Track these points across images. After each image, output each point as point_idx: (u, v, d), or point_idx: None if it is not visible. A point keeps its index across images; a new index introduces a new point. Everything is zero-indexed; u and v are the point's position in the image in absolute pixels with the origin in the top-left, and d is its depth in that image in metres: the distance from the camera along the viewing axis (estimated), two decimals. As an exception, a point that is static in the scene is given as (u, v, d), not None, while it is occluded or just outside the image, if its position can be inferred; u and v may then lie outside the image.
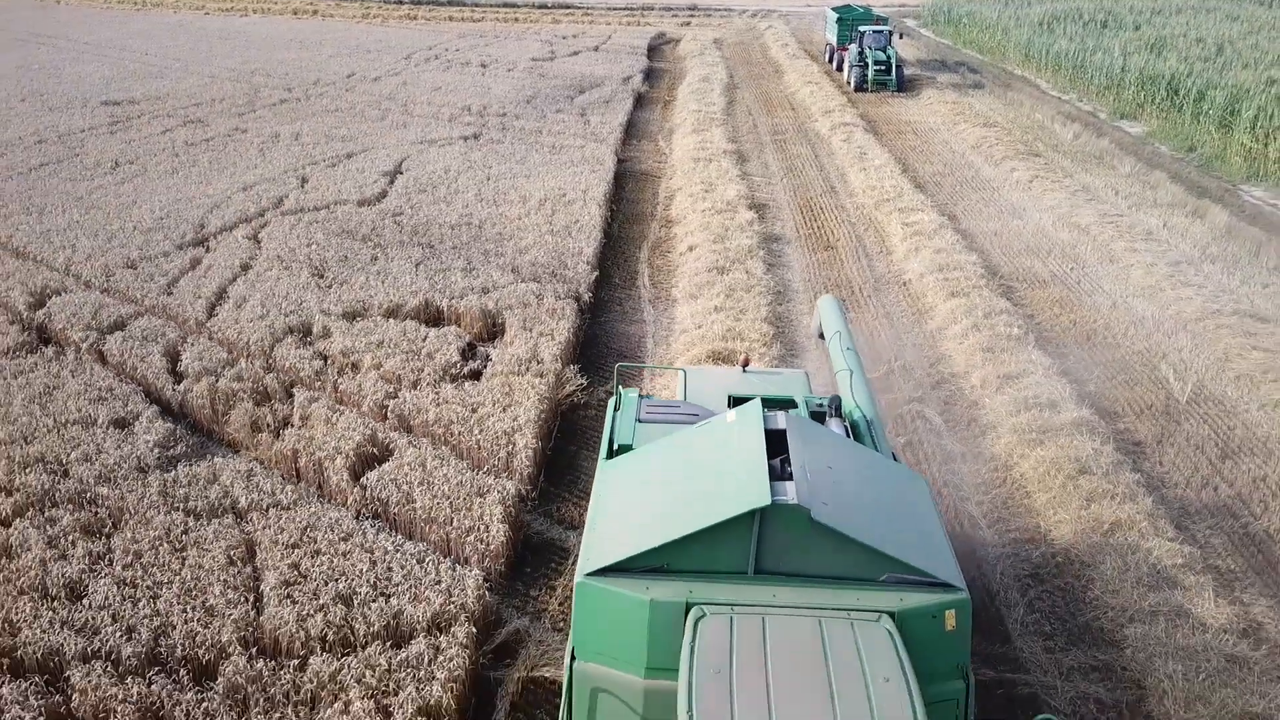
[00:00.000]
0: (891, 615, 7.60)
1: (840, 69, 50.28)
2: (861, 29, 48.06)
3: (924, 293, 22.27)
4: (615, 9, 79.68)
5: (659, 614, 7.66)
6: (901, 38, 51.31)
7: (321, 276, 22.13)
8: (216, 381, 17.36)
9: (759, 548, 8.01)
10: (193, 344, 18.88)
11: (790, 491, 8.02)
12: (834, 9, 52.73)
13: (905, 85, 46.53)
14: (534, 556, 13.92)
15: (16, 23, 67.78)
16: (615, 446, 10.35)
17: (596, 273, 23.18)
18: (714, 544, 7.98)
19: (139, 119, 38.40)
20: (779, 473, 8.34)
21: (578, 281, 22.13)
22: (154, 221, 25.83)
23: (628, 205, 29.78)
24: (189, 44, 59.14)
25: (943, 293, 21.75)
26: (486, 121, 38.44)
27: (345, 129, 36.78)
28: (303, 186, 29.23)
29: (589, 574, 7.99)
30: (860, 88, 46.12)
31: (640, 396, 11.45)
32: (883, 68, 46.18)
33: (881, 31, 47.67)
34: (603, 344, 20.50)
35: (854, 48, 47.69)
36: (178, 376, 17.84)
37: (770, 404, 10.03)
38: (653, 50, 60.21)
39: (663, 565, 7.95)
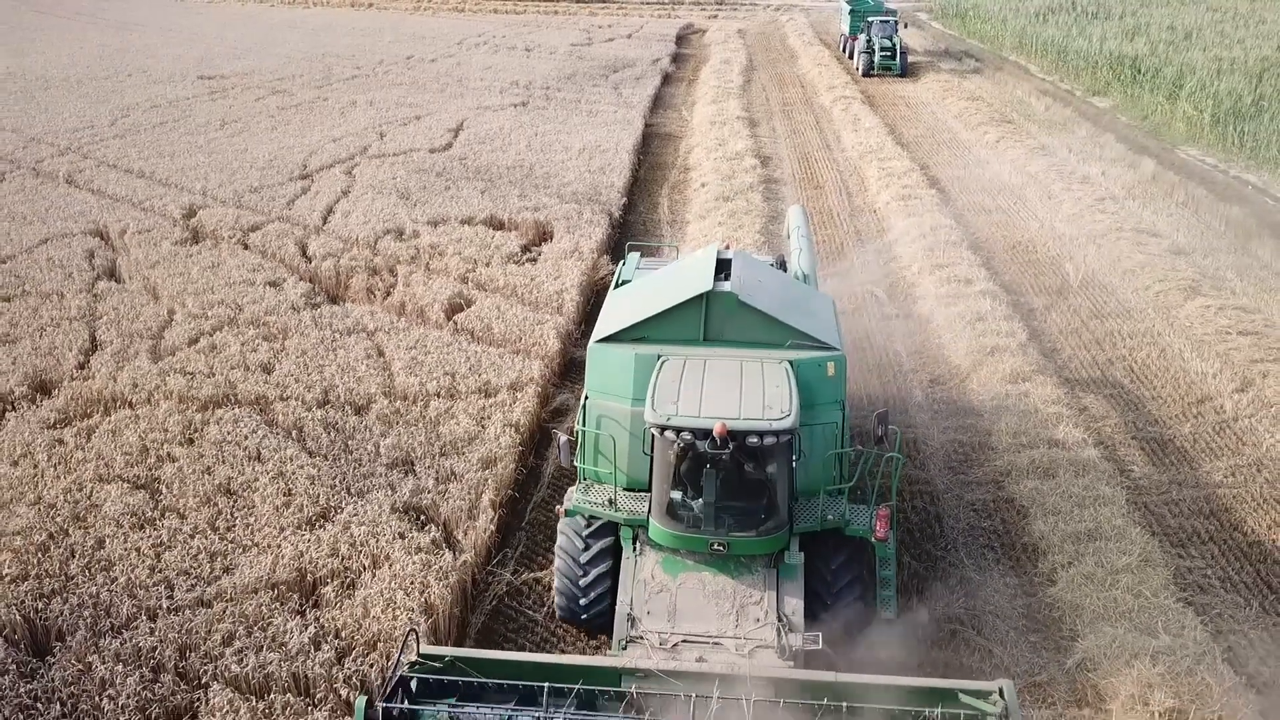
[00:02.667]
0: (791, 362, 11.79)
1: (852, 57, 54.88)
2: (870, 19, 52.73)
3: (888, 215, 27.68)
4: (648, 3, 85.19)
5: (641, 363, 11.78)
6: (907, 27, 55.98)
7: (407, 198, 27.86)
8: (338, 261, 23.11)
9: (705, 322, 12.14)
10: (315, 239, 24.68)
11: (727, 285, 12.27)
12: (848, 1, 57.60)
13: (908, 70, 50.83)
14: (575, 369, 19.39)
15: (109, 11, 74.51)
16: (620, 282, 15.35)
17: (625, 199, 28.79)
18: (675, 320, 12.13)
19: (233, 90, 44.41)
20: (723, 279, 12.48)
21: (610, 203, 27.76)
22: (265, 162, 31.72)
23: (653, 157, 35.34)
24: (262, 31, 65.36)
25: (902, 214, 27.13)
26: (532, 93, 44.10)
27: (411, 98, 42.59)
28: (382, 139, 35.03)
29: (597, 341, 12.35)
30: (867, 73, 50.36)
31: (640, 255, 16.81)
32: (888, 53, 50.54)
33: (888, 21, 52.27)
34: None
35: (863, 36, 52.23)
36: (308, 259, 23.59)
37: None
38: (680, 39, 65.72)
39: (643, 337, 12.13)
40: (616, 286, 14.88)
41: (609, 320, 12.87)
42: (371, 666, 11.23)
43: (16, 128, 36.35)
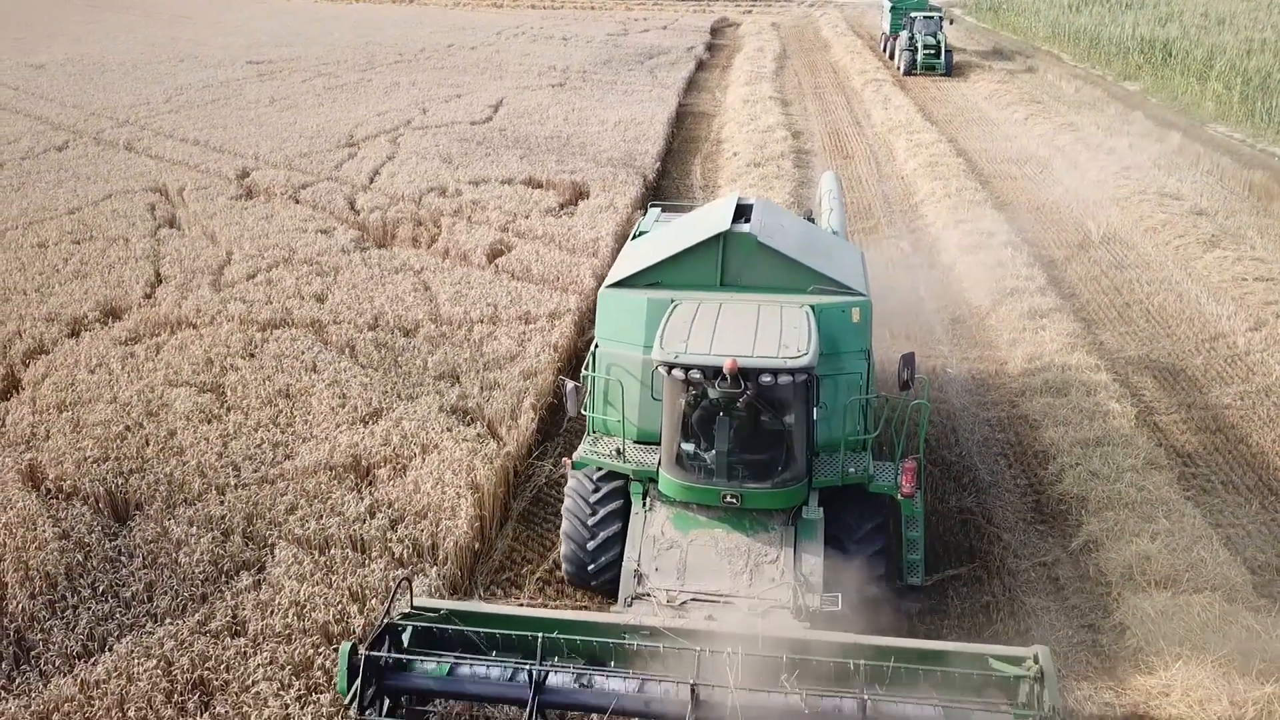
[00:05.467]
0: (813, 308, 10.95)
1: (893, 57, 51.86)
2: (913, 15, 51.61)
3: (915, 180, 28.42)
4: None
5: (653, 309, 11.09)
6: (953, 24, 54.53)
7: (449, 163, 28.98)
8: (384, 214, 24.25)
9: (723, 266, 11.38)
10: (362, 195, 25.83)
11: (746, 227, 11.48)
12: None
13: (953, 69, 48.00)
14: (612, 307, 20.40)
15: (160, 6, 76.81)
16: (638, 234, 15.07)
17: (659, 165, 29.74)
18: (690, 263, 11.39)
19: (280, 73, 45.91)
20: (743, 222, 11.67)
21: (645, 167, 28.73)
22: (314, 132, 33.01)
23: (686, 132, 36.29)
24: (307, 23, 67.11)
25: (929, 178, 27.87)
26: (569, 76, 45.23)
27: (453, 80, 43.86)
28: (424, 113, 36.24)
29: (608, 286, 11.66)
30: (909, 72, 47.85)
31: (662, 210, 17.23)
32: (932, 51, 48.04)
33: (932, 17, 50.36)
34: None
35: (905, 34, 49.80)
36: (356, 211, 24.74)
37: None
38: (715, 30, 66.74)
39: (657, 282, 11.43)
40: (634, 239, 14.27)
41: (622, 265, 12.33)
42: (422, 532, 12.21)
43: (78, 104, 37.98)
